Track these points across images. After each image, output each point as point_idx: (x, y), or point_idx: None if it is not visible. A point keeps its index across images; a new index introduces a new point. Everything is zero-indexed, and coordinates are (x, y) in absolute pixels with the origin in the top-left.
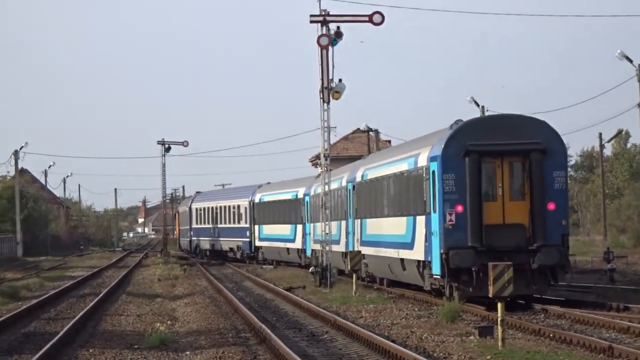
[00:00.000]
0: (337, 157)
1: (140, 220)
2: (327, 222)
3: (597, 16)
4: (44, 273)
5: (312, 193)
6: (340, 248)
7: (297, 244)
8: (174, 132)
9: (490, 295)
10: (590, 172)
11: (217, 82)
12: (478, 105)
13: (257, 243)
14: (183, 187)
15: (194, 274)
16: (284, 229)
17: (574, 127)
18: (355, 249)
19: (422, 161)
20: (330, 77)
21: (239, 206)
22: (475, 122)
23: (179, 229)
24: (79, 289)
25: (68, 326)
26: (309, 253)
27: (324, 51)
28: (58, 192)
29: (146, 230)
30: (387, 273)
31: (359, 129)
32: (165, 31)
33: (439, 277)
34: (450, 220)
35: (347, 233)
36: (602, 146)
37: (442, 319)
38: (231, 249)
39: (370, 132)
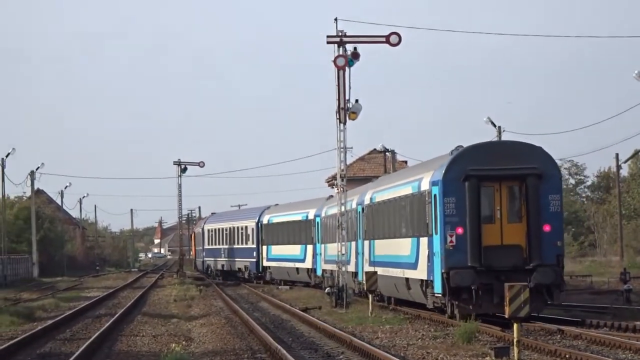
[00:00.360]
0: (353, 177)
1: (157, 241)
2: (343, 243)
3: (614, 37)
4: (60, 293)
5: (323, 214)
6: (350, 268)
7: (307, 264)
8: (190, 153)
9: (507, 316)
10: (607, 193)
11: (232, 103)
12: (495, 126)
13: (265, 263)
14: (199, 207)
15: (209, 294)
16: (293, 249)
17: (590, 147)
18: (365, 269)
19: (425, 185)
20: (347, 98)
21: (246, 227)
22: (475, 148)
23: (195, 250)
24: (95, 309)
25: (84, 347)
26: (319, 273)
27: (341, 72)
28: (74, 213)
29: (162, 250)
30: (393, 292)
31: (375, 149)
32: (182, 52)
33: (440, 295)
34: (451, 241)
35: (357, 253)
36: (618, 167)
37: (458, 339)
38: (239, 269)
39: (387, 153)
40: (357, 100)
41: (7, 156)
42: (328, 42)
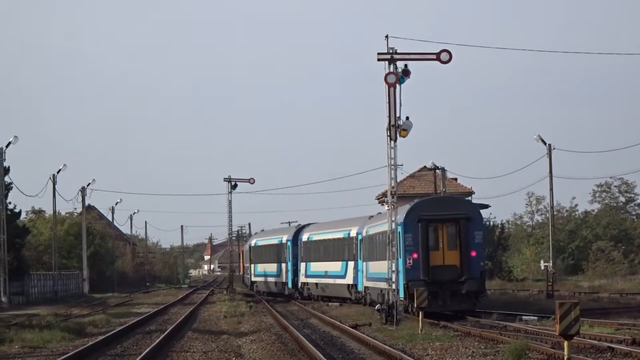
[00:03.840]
0: (403, 195)
1: (206, 257)
2: (393, 260)
3: None
4: (111, 309)
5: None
6: (348, 281)
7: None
8: (241, 170)
9: (557, 334)
10: None
11: (283, 119)
12: (545, 143)
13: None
14: (249, 224)
15: (259, 311)
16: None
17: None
18: (364, 284)
19: (393, 226)
20: (398, 115)
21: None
22: (425, 201)
23: (243, 266)
24: (146, 325)
25: None
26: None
27: (391, 89)
28: (125, 229)
29: (212, 267)
30: (379, 298)
31: (425, 166)
32: (230, 68)
33: (403, 299)
34: (410, 263)
35: (356, 270)
36: None
37: (509, 357)
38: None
39: (437, 170)
40: (407, 118)
41: (58, 172)
42: (379, 60)
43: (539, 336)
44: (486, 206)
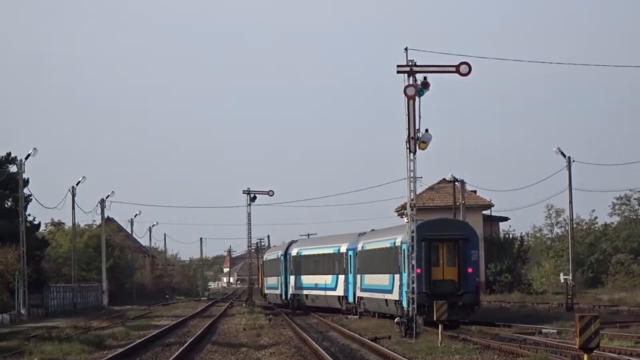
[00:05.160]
0: (423, 207)
1: (226, 269)
2: (413, 274)
3: None
4: (130, 322)
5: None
6: (339, 292)
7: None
8: (260, 182)
9: (577, 347)
10: None
11: (301, 132)
12: (564, 156)
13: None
14: (268, 236)
15: (279, 323)
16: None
17: None
18: (357, 295)
19: (398, 242)
20: (417, 127)
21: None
22: (428, 222)
23: (261, 279)
24: (165, 337)
25: None
26: (351, 299)
27: (411, 101)
28: (144, 241)
29: (232, 279)
30: (376, 308)
31: (444, 179)
32: (249, 80)
33: (406, 309)
34: (413, 276)
35: (346, 283)
36: None
37: None
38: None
39: (456, 183)
40: (427, 130)
41: (77, 184)
42: (398, 72)
43: (558, 349)
44: (505, 219)
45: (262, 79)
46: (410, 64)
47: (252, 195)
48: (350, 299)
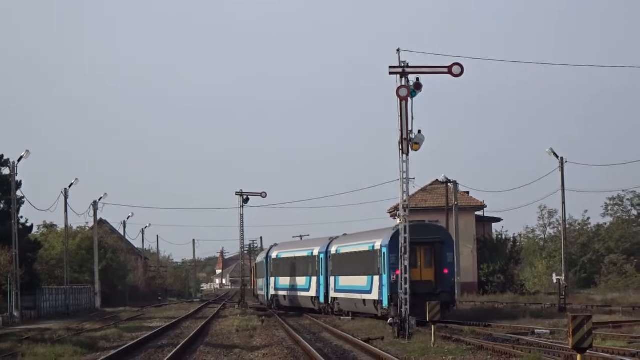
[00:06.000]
0: (415, 208)
1: (218, 271)
2: (405, 275)
3: None
4: (123, 324)
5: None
6: (312, 293)
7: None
8: (252, 183)
9: (570, 347)
10: None
11: (295, 133)
12: (557, 157)
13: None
14: (261, 238)
15: (271, 325)
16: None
17: None
18: (332, 295)
19: (377, 246)
20: (410, 129)
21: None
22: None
23: (254, 280)
24: (158, 339)
25: None
26: (322, 300)
27: (403, 102)
28: (136, 243)
29: (224, 281)
30: (352, 308)
31: (437, 180)
32: (244, 84)
33: (386, 308)
34: (393, 277)
35: (318, 284)
36: None
37: None
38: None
39: (449, 184)
40: (419, 131)
41: (70, 186)
42: (390, 73)
43: (551, 349)
44: (498, 220)
45: (254, 80)
46: (402, 65)
47: (244, 197)
48: (322, 300)
